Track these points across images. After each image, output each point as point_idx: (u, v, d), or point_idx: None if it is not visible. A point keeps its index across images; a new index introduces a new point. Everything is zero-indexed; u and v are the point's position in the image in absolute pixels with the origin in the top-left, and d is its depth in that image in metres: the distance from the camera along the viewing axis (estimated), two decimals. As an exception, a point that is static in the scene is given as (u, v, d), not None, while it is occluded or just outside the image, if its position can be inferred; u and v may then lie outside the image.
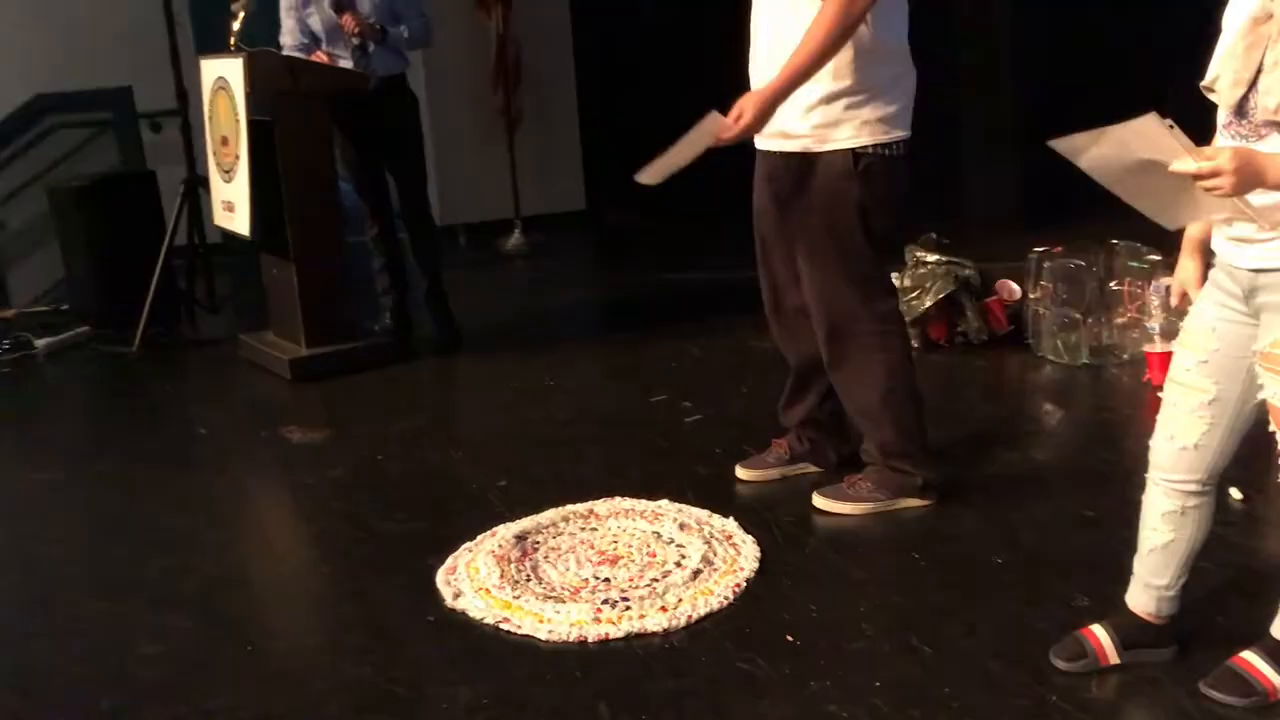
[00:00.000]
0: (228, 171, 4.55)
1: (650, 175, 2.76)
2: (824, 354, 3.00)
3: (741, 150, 6.07)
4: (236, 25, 4.46)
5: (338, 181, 4.65)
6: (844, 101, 2.75)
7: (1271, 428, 2.07)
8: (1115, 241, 4.30)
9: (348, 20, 4.47)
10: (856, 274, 2.88)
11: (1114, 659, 2.26)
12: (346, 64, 4.54)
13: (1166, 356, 3.76)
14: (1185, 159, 1.84)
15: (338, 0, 4.49)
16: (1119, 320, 4.17)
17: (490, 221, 7.07)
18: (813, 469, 3.25)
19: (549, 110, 7.25)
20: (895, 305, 3.01)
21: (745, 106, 2.70)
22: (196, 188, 5.28)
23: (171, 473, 3.69)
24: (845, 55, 2.71)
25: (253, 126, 4.37)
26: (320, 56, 4.56)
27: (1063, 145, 1.90)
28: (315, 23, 4.59)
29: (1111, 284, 4.23)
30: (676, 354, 4.54)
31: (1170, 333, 3.83)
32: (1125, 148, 1.86)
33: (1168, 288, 3.92)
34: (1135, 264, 4.16)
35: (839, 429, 3.23)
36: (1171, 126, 1.83)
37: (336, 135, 4.60)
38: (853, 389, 3.00)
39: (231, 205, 4.56)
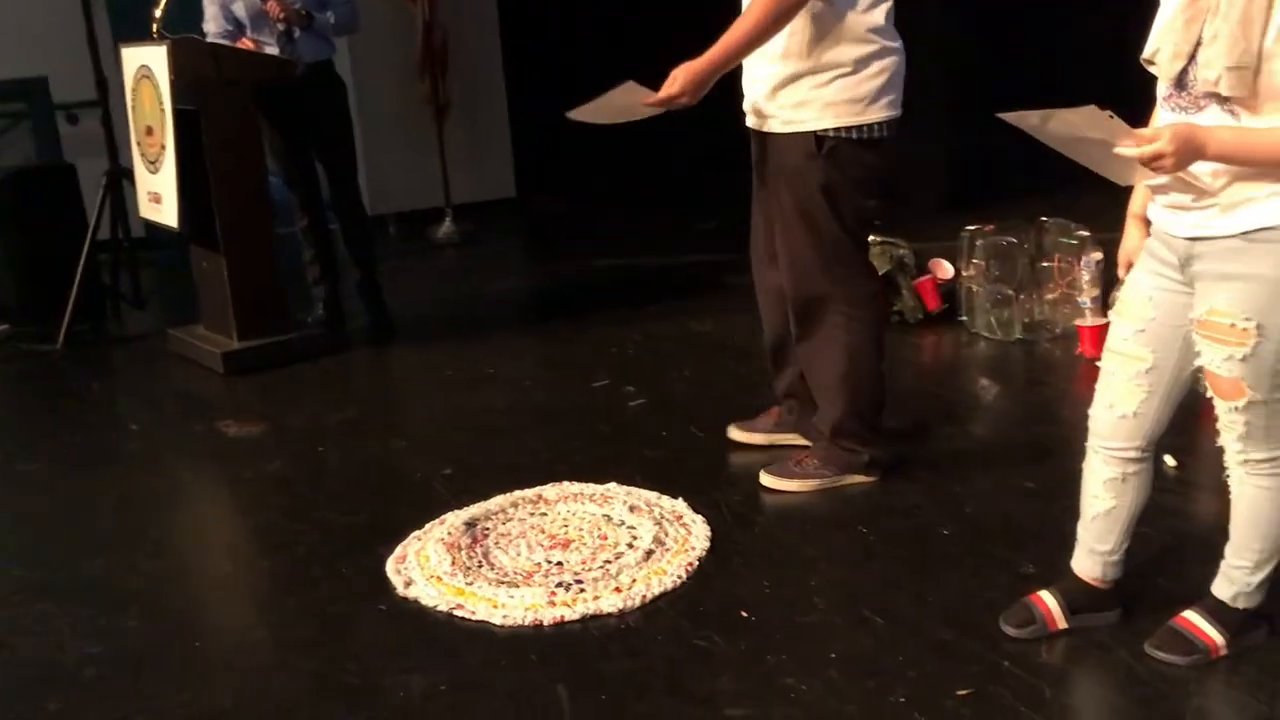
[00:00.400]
0: (153, 162, 4.44)
1: (579, 114, 2.78)
2: (793, 329, 3.03)
3: (670, 137, 6.09)
4: (158, 12, 4.35)
5: (267, 171, 4.56)
6: (808, 82, 2.76)
7: (1209, 393, 2.12)
8: (1045, 219, 4.39)
9: (272, 6, 4.38)
10: (828, 255, 2.90)
11: (1062, 624, 2.31)
12: (272, 51, 4.46)
13: (1098, 329, 3.89)
14: (1128, 144, 1.89)
15: None
16: (1050, 296, 4.25)
17: (420, 210, 6.99)
18: (801, 441, 3.25)
19: (477, 97, 7.19)
20: (869, 290, 2.99)
21: (676, 76, 2.73)
22: (120, 180, 5.15)
23: (105, 470, 3.60)
24: (807, 35, 2.73)
25: (178, 116, 4.27)
26: (246, 43, 4.47)
27: (1013, 118, 1.94)
28: (239, 9, 4.49)
29: (1042, 261, 4.31)
30: (615, 340, 4.53)
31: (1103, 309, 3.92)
32: (1071, 128, 1.90)
33: (1098, 262, 4.05)
34: (1065, 240, 4.24)
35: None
36: (1111, 116, 1.89)
37: (263, 125, 4.51)
38: (815, 365, 3.03)
39: (158, 197, 4.46)
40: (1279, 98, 1.89)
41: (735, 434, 3.37)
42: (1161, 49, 2.01)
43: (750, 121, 2.96)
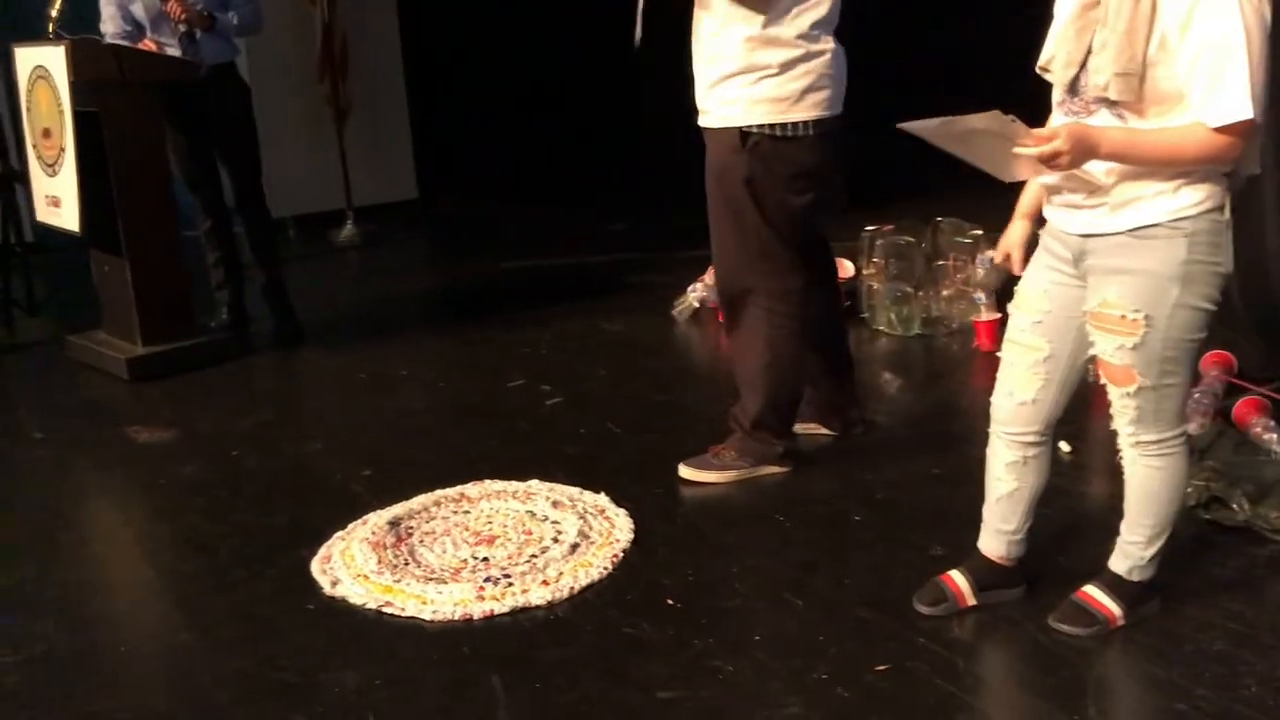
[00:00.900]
0: (51, 165, 4.35)
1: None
2: (726, 317, 3.14)
3: (573, 137, 6.11)
4: (54, 12, 4.26)
5: (171, 173, 4.50)
6: (739, 81, 2.88)
7: (1103, 380, 2.27)
8: (939, 219, 4.57)
9: (173, 6, 4.33)
10: (753, 248, 2.99)
11: (971, 600, 2.44)
12: (174, 52, 4.40)
13: (992, 324, 4.07)
14: (1028, 143, 2.02)
15: None
16: (946, 293, 4.42)
17: (321, 213, 6.93)
18: (822, 430, 3.34)
19: (377, 99, 7.16)
20: (792, 285, 3.05)
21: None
22: (13, 183, 5.02)
23: (11, 480, 3.53)
24: (737, 40, 2.84)
25: (77, 118, 4.19)
26: (148, 44, 4.40)
27: (912, 127, 2.06)
28: (138, 9, 4.43)
29: (938, 260, 4.48)
30: (528, 340, 4.58)
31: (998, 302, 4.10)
32: (972, 131, 2.03)
33: (992, 259, 4.22)
34: (959, 240, 4.42)
35: (841, 396, 3.33)
36: (1013, 120, 2.02)
37: (165, 127, 4.45)
38: (740, 357, 3.13)
39: (58, 200, 4.36)
40: (1162, 102, 2.04)
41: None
42: (1055, 57, 2.15)
43: (700, 120, 3.05)
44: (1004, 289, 3.19)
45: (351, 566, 2.76)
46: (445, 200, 7.51)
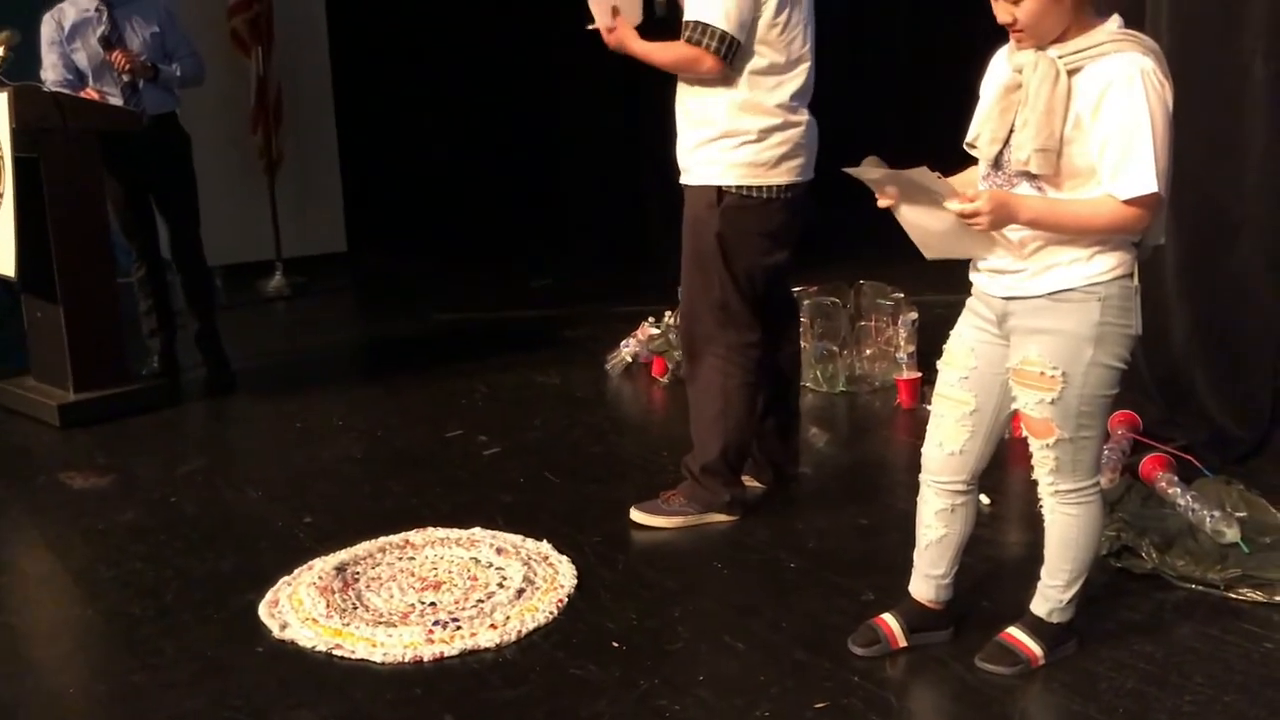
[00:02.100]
0: (-12, 209, 4.34)
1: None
2: (685, 364, 3.28)
3: (502, 195, 6.20)
4: (-3, 59, 4.29)
5: (108, 220, 4.51)
6: (720, 145, 3.05)
7: (1024, 433, 2.43)
8: (862, 282, 4.76)
9: (118, 57, 4.38)
10: (716, 301, 3.13)
11: (903, 642, 2.57)
12: (116, 101, 4.44)
13: (913, 382, 4.26)
14: (953, 200, 2.20)
15: (106, 37, 4.40)
16: (868, 352, 4.61)
17: (249, 263, 6.93)
18: (757, 484, 3.42)
19: (309, 152, 7.20)
20: (749, 340, 3.18)
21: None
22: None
23: (-59, 525, 3.50)
24: (720, 105, 3.02)
25: (16, 163, 4.20)
26: (90, 93, 4.43)
27: (856, 171, 2.23)
28: (81, 58, 4.46)
29: (860, 320, 4.67)
30: (463, 391, 4.65)
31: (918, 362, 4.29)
32: (907, 186, 2.21)
33: (913, 322, 4.43)
34: (881, 301, 4.61)
35: (782, 453, 3.44)
36: (939, 176, 2.21)
37: (104, 174, 4.48)
38: (695, 403, 3.25)
39: (-8, 245, 4.35)
40: (1076, 175, 2.23)
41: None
42: (981, 134, 2.34)
43: (681, 178, 3.20)
44: (930, 351, 3.36)
45: (300, 610, 2.80)
46: (373, 253, 7.56)
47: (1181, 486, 3.18)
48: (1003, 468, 3.46)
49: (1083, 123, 2.18)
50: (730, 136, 3.03)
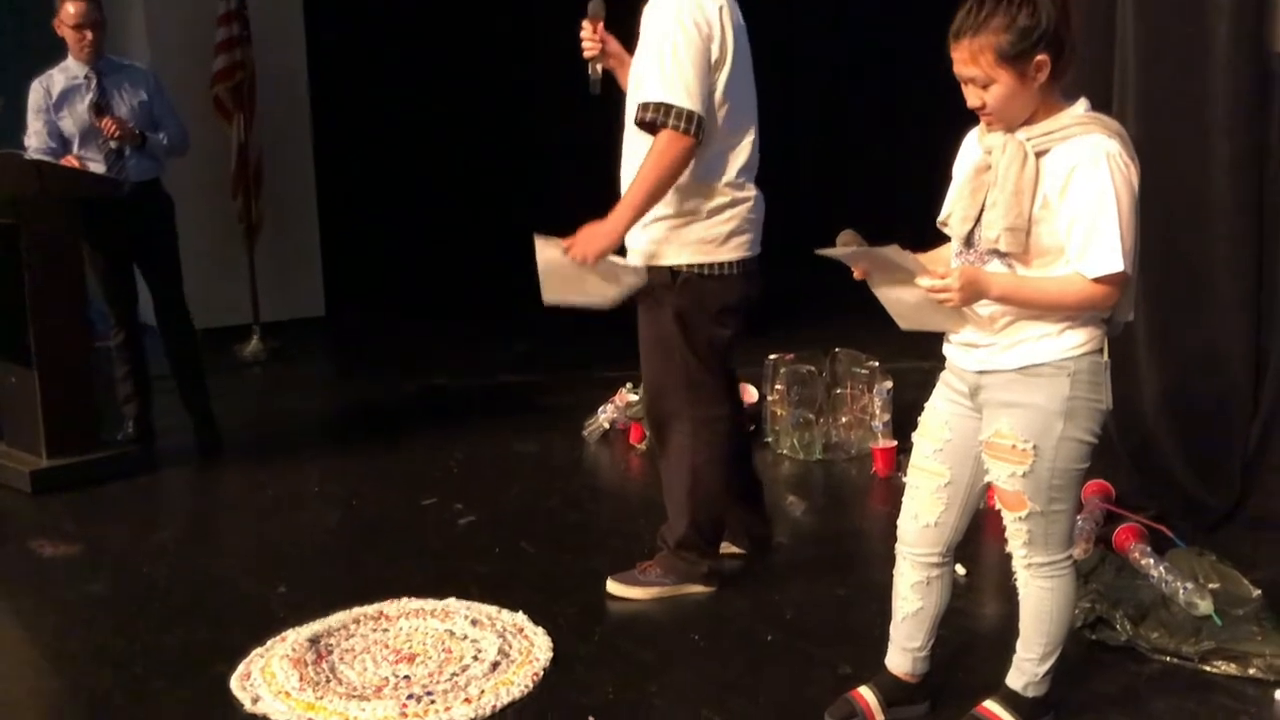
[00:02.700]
0: (-35, 275, 4.34)
1: (548, 297, 3.02)
2: (654, 440, 3.28)
3: (479, 258, 6.22)
4: (-22, 126, 4.31)
5: (86, 286, 4.51)
6: (668, 224, 3.05)
7: (998, 505, 2.45)
8: (838, 349, 4.80)
9: (108, 123, 4.41)
10: (680, 377, 3.14)
11: (880, 716, 2.56)
12: (99, 168, 4.47)
13: (889, 451, 4.28)
14: (924, 276, 2.24)
15: (96, 103, 4.44)
16: (844, 420, 4.63)
17: (227, 327, 6.92)
18: (735, 550, 3.46)
19: (289, 216, 7.24)
20: (717, 413, 3.20)
21: (581, 239, 2.97)
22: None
23: (-93, 595, 3.45)
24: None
25: (-4, 229, 4.21)
26: (71, 161, 4.45)
27: (829, 251, 2.28)
28: (68, 124, 4.50)
29: (836, 388, 4.70)
30: (439, 459, 4.64)
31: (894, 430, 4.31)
32: (880, 262, 2.25)
33: (888, 390, 4.46)
34: (857, 369, 4.65)
35: (751, 516, 3.47)
36: (910, 254, 2.26)
37: (85, 240, 4.49)
38: (667, 480, 3.25)
39: (-32, 310, 4.34)
40: (1045, 254, 2.28)
41: None
42: (953, 214, 2.38)
43: (629, 258, 3.19)
44: (905, 419, 3.40)
45: (272, 684, 2.77)
46: (352, 317, 7.57)
47: (1155, 557, 3.19)
48: (979, 538, 3.47)
49: (1050, 203, 2.23)
50: (679, 216, 3.04)
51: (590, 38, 3.18)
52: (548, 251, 2.97)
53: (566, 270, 2.97)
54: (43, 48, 4.89)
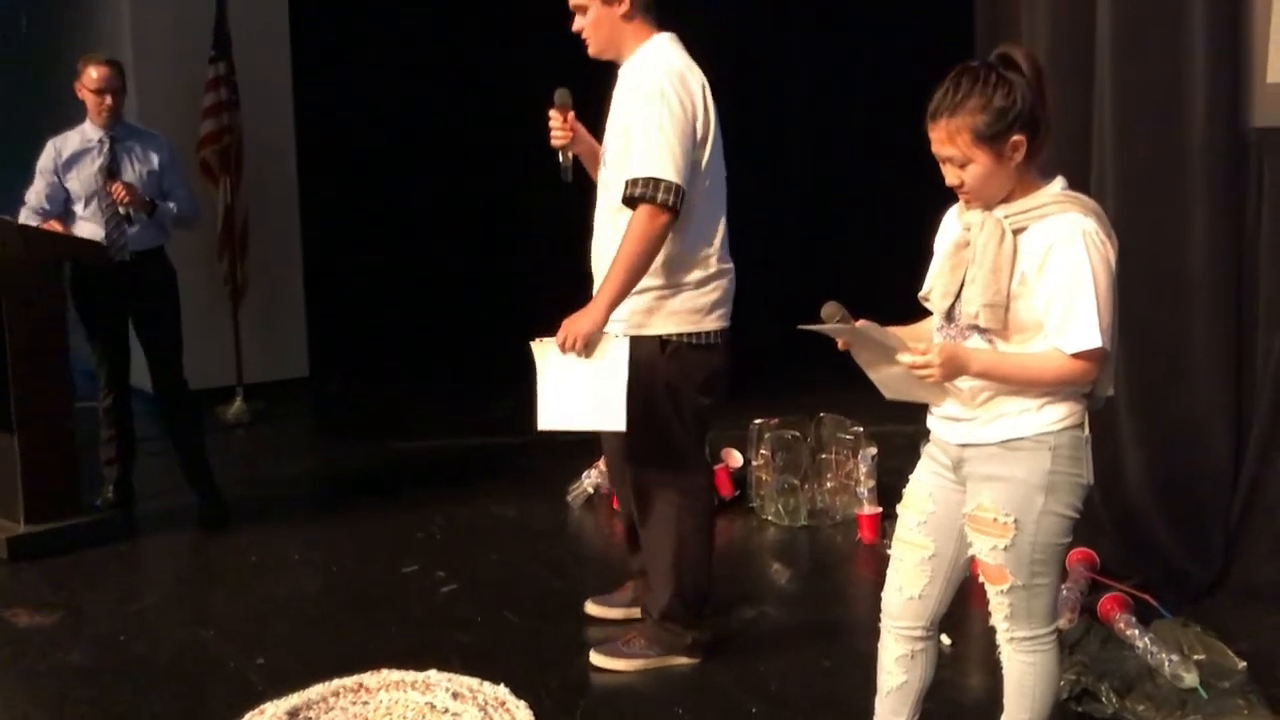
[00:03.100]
0: (-54, 339, 4.32)
1: (546, 422, 3.04)
2: (636, 511, 3.26)
3: (463, 318, 6.25)
4: (-36, 190, 4.32)
5: (68, 350, 4.50)
6: (654, 294, 3.07)
7: (981, 578, 2.45)
8: (822, 415, 4.81)
9: (117, 189, 4.42)
10: (667, 446, 3.15)
11: (864, 791, 2.53)
12: (98, 231, 4.48)
13: (874, 518, 4.28)
14: (905, 352, 2.26)
15: (107, 167, 4.46)
16: (829, 485, 4.63)
17: (210, 389, 6.89)
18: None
19: (274, 278, 7.24)
20: (702, 482, 3.24)
21: (572, 324, 2.99)
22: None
23: (-121, 665, 3.40)
24: (660, 256, 3.03)
25: (-22, 294, 4.21)
26: (53, 225, 4.46)
27: (813, 327, 2.29)
28: (75, 185, 4.52)
29: (821, 453, 4.70)
30: (420, 524, 4.61)
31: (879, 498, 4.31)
32: (860, 337, 2.27)
33: (873, 456, 4.46)
34: (842, 435, 4.65)
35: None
36: (893, 332, 2.28)
37: (81, 302, 4.53)
38: (651, 549, 3.25)
39: (-50, 375, 4.32)
40: (1024, 330, 2.30)
41: (592, 609, 3.53)
42: (934, 289, 2.40)
43: (609, 326, 3.17)
44: (891, 485, 3.40)
45: (248, 759, 2.74)
46: (336, 378, 7.56)
47: (1140, 628, 3.19)
48: (965, 607, 3.46)
49: (1028, 280, 2.25)
50: (670, 287, 3.07)
51: (560, 126, 3.22)
52: (547, 351, 2.98)
53: (568, 377, 2.98)
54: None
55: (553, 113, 3.21)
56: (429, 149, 8.01)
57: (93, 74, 4.55)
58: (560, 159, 3.25)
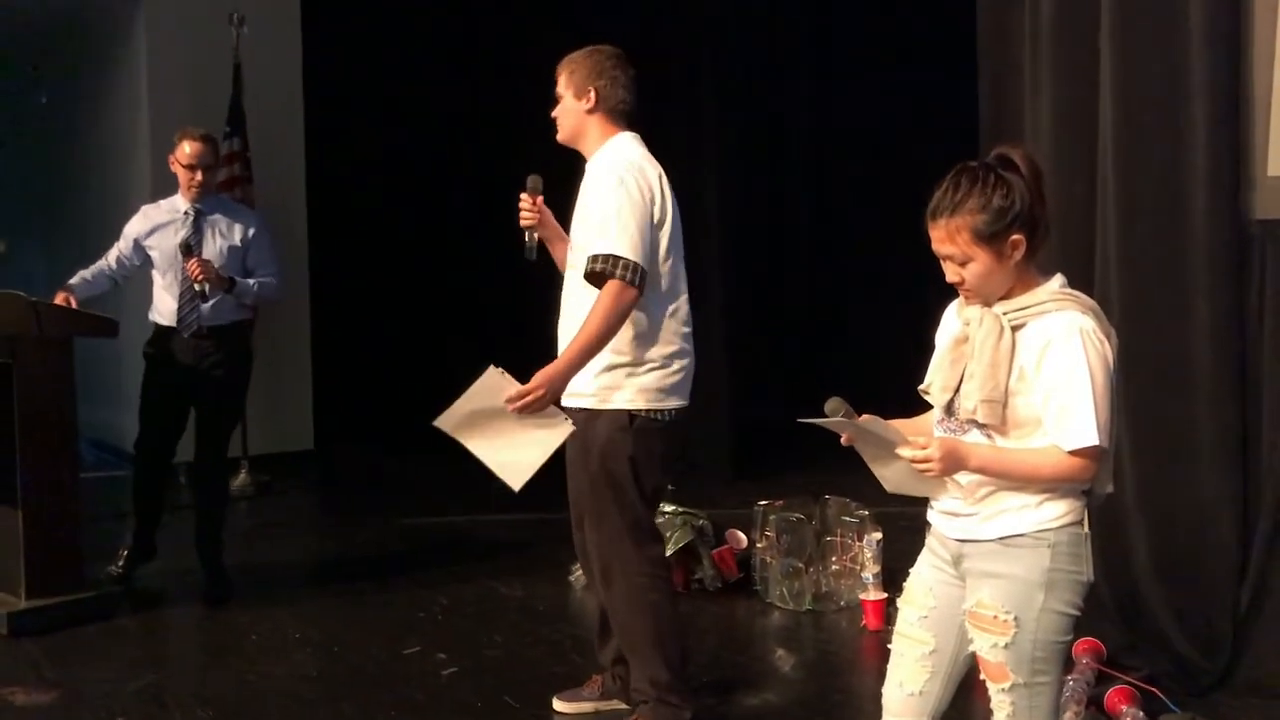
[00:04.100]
0: (-45, 414, 4.35)
1: (443, 422, 3.05)
2: (604, 592, 3.27)
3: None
4: (-21, 268, 4.38)
5: (76, 426, 4.52)
6: (625, 370, 3.15)
7: (983, 676, 2.42)
8: (827, 497, 4.79)
9: (192, 266, 4.45)
10: (630, 521, 3.20)
11: None
12: (171, 304, 4.55)
13: (880, 603, 4.24)
14: (905, 447, 2.26)
15: (186, 241, 4.52)
16: (834, 569, 4.60)
17: (217, 461, 6.90)
18: (623, 705, 3.43)
19: (282, 350, 7.29)
20: (661, 552, 3.34)
21: (539, 384, 3.01)
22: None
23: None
24: (627, 333, 3.12)
25: (-13, 368, 4.25)
26: (61, 299, 4.48)
27: (814, 421, 2.30)
28: (157, 255, 4.61)
29: (826, 535, 4.67)
30: (422, 603, 4.59)
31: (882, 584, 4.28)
32: (861, 432, 2.28)
33: (878, 541, 4.44)
34: (847, 518, 4.63)
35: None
36: (894, 427, 2.28)
37: (150, 371, 4.65)
38: (628, 627, 3.25)
39: (-43, 450, 4.34)
40: (1022, 425, 2.29)
41: (560, 706, 3.49)
42: (934, 383, 2.41)
43: (568, 401, 3.21)
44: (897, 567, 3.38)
45: None
46: (341, 450, 7.57)
47: (1147, 722, 3.15)
48: (968, 696, 3.41)
49: (1026, 375, 2.26)
50: (638, 364, 3.16)
51: (529, 209, 3.36)
52: (502, 386, 2.99)
53: (496, 418, 3.00)
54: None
55: (524, 196, 3.36)
56: (439, 222, 8.11)
57: (186, 149, 4.62)
58: (526, 239, 3.39)
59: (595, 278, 3.07)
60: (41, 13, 7.88)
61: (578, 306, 3.17)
